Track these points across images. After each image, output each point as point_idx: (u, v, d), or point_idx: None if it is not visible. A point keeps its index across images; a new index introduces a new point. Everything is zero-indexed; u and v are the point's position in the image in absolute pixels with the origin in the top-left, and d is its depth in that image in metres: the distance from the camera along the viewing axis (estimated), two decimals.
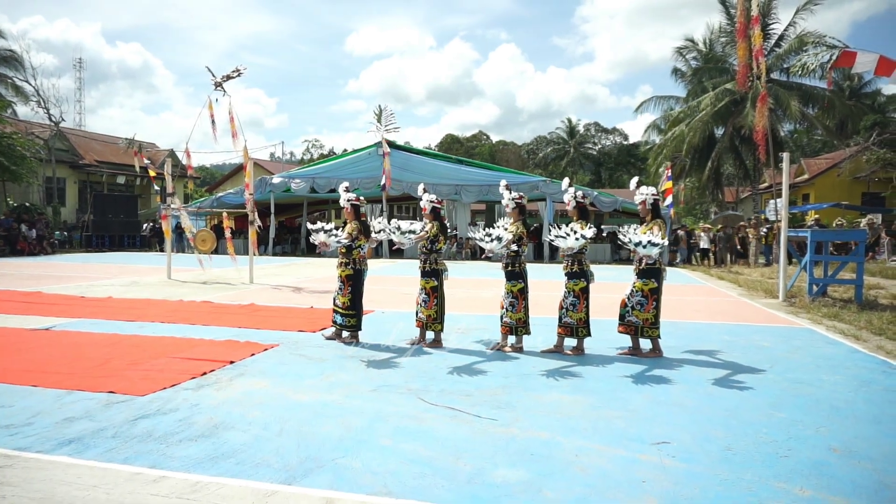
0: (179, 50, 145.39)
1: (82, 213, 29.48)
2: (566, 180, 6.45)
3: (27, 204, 26.74)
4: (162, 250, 20.24)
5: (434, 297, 6.24)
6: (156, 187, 15.11)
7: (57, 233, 25.54)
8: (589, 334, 5.96)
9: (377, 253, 22.28)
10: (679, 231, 21.86)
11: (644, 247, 5.58)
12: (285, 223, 31.09)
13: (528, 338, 6.21)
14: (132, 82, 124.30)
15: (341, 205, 6.58)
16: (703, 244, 20.83)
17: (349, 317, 6.35)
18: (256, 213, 13.02)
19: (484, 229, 6.06)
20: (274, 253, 24.86)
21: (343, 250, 6.38)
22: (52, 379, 4.75)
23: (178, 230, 22.00)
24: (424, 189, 6.61)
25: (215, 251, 15.41)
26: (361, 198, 6.66)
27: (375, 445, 3.46)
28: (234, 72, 12.37)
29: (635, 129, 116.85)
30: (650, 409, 4.23)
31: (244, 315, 8.17)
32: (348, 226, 6.41)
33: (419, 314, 6.32)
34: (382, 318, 8.12)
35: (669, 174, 17.81)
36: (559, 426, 3.83)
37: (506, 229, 6.07)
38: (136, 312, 8.27)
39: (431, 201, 6.38)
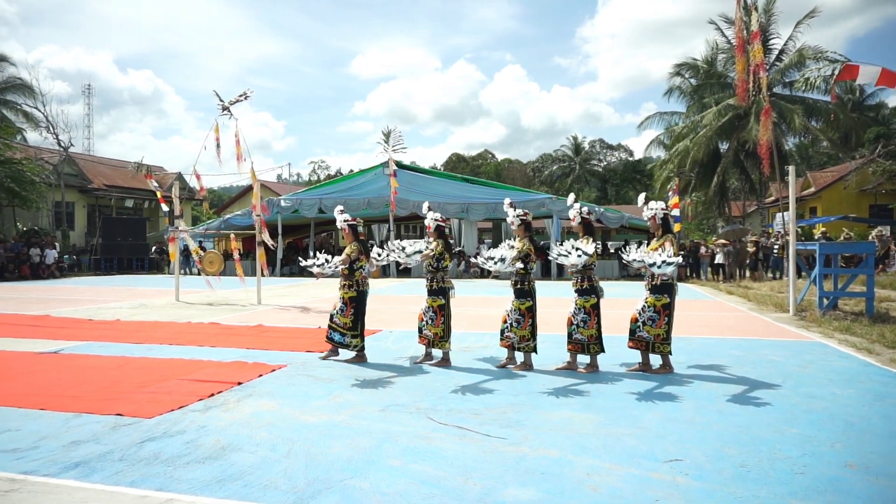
0: (189, 75, 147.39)
1: (91, 236, 29.69)
2: (571, 196, 6.43)
3: (36, 228, 26.98)
4: (171, 272, 20.32)
5: (441, 315, 6.22)
6: (164, 209, 15.21)
7: (66, 256, 25.69)
8: (602, 350, 5.92)
9: (385, 272, 22.29)
10: (702, 247, 21.79)
11: (659, 267, 5.54)
12: (294, 243, 31.17)
13: (536, 356, 6.16)
14: (143, 108, 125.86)
15: (338, 226, 6.59)
16: (719, 259, 20.69)
17: (354, 337, 6.34)
18: (267, 233, 13.07)
19: (487, 252, 6.07)
20: (282, 274, 24.90)
21: (345, 272, 6.37)
22: (59, 402, 4.75)
23: (186, 252, 22.12)
24: (429, 207, 6.62)
25: (223, 272, 15.45)
26: (358, 218, 6.68)
27: (384, 466, 3.42)
28: (241, 95, 12.52)
29: (640, 145, 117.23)
30: (661, 426, 4.18)
31: (252, 336, 8.16)
32: (347, 248, 6.41)
33: (424, 331, 6.31)
34: (390, 337, 8.09)
35: (677, 190, 17.80)
36: (569, 444, 3.78)
37: (511, 247, 6.06)
38: (143, 335, 8.28)
39: (436, 219, 6.38)
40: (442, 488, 3.11)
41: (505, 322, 6.10)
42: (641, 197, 6.35)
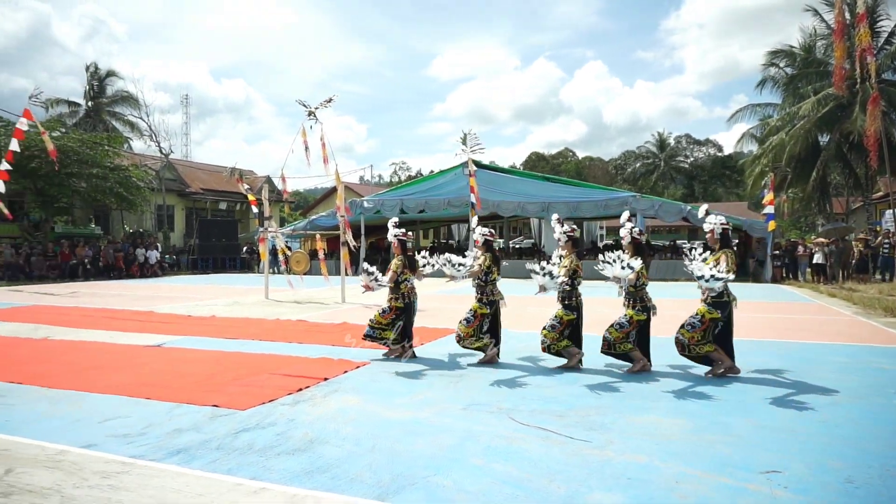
0: (277, 82, 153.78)
1: (189, 237, 31.57)
2: (626, 214, 6.22)
3: (141, 230, 29.01)
4: (261, 271, 21.28)
5: (478, 319, 6.23)
6: (254, 211, 15.94)
7: (167, 256, 27.43)
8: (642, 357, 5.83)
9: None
10: (800, 246, 20.58)
11: (707, 280, 5.37)
12: (376, 243, 31.86)
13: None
14: (235, 115, 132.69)
15: (389, 240, 6.76)
16: (818, 259, 19.35)
17: (385, 332, 6.51)
18: (350, 233, 13.44)
19: (538, 265, 6.06)
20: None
21: (391, 285, 6.55)
22: (162, 392, 5.08)
23: (275, 252, 23.09)
24: (477, 223, 6.58)
25: (308, 272, 16.02)
26: (409, 233, 6.86)
27: (467, 464, 3.43)
28: (326, 101, 12.92)
29: (730, 140, 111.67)
30: (756, 434, 3.96)
31: (337, 333, 8.42)
32: (393, 262, 6.59)
33: (462, 333, 6.29)
34: None
35: (773, 186, 16.87)
36: (657, 450, 3.65)
37: (556, 263, 6.08)
38: (237, 331, 8.71)
39: (483, 234, 6.41)
40: (525, 489, 3.08)
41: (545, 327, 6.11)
42: (703, 208, 6.14)
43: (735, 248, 5.85)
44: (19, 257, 21.02)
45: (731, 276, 5.38)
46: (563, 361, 6.10)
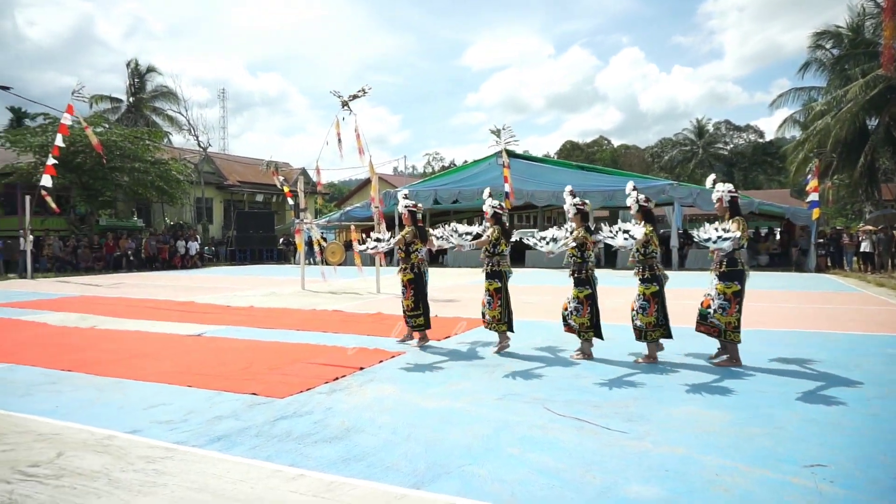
0: (312, 75, 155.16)
1: (227, 229, 32.22)
2: (630, 183, 6.14)
3: (181, 222, 29.72)
4: (297, 262, 21.60)
5: (497, 297, 6.26)
6: (290, 203, 16.15)
7: (206, 248, 28.05)
8: (666, 336, 5.74)
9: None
10: (845, 234, 19.93)
11: (714, 242, 5.26)
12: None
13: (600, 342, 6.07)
14: (271, 108, 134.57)
15: (399, 211, 6.86)
16: (865, 247, 18.69)
17: (415, 317, 6.61)
18: (384, 224, 13.51)
19: (540, 233, 6.05)
20: (398, 263, 25.66)
21: (402, 255, 6.63)
22: (203, 380, 5.20)
23: (310, 243, 23.39)
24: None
25: (343, 262, 16.18)
26: (419, 204, 6.97)
27: (502, 454, 3.43)
28: (359, 91, 12.96)
29: (772, 126, 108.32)
30: (800, 427, 3.86)
31: (372, 323, 8.49)
32: (404, 230, 6.68)
33: (486, 316, 6.36)
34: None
35: (817, 172, 16.32)
36: (696, 442, 3.59)
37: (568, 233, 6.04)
38: (274, 321, 8.86)
39: (493, 206, 6.45)
40: (561, 480, 3.06)
41: (566, 309, 6.09)
42: (710, 178, 6.01)
43: (744, 216, 5.71)
44: (67, 249, 21.76)
45: (738, 235, 5.27)
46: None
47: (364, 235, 7.28)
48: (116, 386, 5.09)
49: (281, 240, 29.53)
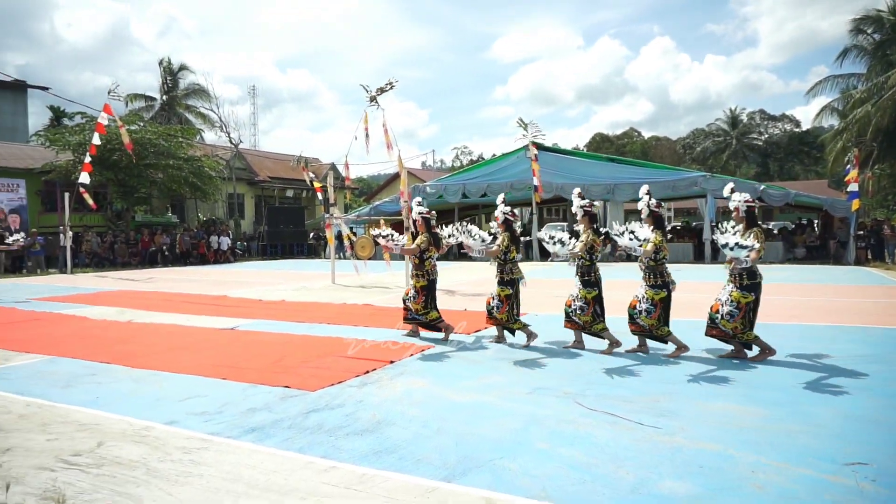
0: (340, 71, 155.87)
1: (258, 224, 32.68)
2: (644, 187, 6.08)
3: (213, 218, 30.24)
4: (327, 257, 21.83)
5: (507, 303, 6.39)
6: (320, 198, 16.30)
7: (238, 243, 28.50)
8: (668, 334, 5.76)
9: (527, 256, 22.20)
10: (886, 226, 19.35)
11: (731, 249, 5.20)
12: (439, 224, 31.94)
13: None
14: (300, 104, 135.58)
15: (413, 218, 6.93)
16: None
17: (427, 314, 6.69)
18: (411, 219, 13.55)
19: (550, 232, 6.16)
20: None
21: (416, 262, 6.70)
22: (237, 373, 5.29)
23: (340, 237, 23.60)
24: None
25: (372, 256, 16.29)
26: (433, 212, 7.07)
27: (532, 448, 3.42)
28: (386, 85, 13.00)
29: (808, 115, 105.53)
30: (840, 424, 3.76)
31: (402, 317, 8.50)
32: (418, 238, 6.74)
33: (494, 314, 6.47)
34: (536, 320, 8.04)
35: (857, 162, 15.84)
36: (730, 438, 3.53)
37: (574, 236, 6.11)
38: (305, 314, 8.96)
39: (505, 212, 6.46)
40: (592, 475, 3.04)
41: (570, 306, 6.11)
42: (728, 187, 5.89)
43: (761, 226, 5.68)
44: (104, 245, 22.33)
45: (757, 245, 5.22)
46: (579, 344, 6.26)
47: (390, 229, 7.32)
48: (153, 378, 5.21)
49: (311, 234, 29.85)
